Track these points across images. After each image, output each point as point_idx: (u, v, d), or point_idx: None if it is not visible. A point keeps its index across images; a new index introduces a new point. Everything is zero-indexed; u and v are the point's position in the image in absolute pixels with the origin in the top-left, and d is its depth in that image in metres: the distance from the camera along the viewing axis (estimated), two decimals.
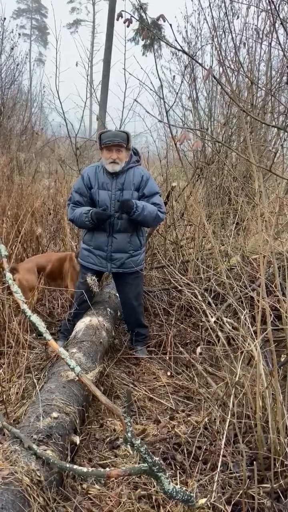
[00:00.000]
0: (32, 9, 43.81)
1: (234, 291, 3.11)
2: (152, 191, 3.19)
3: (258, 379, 2.08)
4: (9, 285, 2.34)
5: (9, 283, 2.35)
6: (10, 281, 2.35)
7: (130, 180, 3.16)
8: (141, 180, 3.18)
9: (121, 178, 3.16)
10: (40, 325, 2.10)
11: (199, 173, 6.09)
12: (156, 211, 3.15)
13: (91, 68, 17.49)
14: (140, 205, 3.05)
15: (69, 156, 8.31)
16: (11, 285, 2.32)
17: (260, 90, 5.67)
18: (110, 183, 3.16)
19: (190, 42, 7.19)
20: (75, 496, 1.89)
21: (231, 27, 4.61)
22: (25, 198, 4.99)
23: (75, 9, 39.40)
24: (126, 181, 3.16)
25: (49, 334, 2.11)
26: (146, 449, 1.60)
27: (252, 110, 3.34)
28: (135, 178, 3.17)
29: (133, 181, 3.17)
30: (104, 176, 3.18)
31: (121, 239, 3.18)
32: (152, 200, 3.18)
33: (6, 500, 1.54)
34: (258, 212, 2.25)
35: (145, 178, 3.19)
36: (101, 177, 3.19)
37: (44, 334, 2.09)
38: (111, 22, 18.89)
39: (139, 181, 3.18)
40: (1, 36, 8.65)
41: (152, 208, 3.13)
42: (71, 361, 1.95)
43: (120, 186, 3.15)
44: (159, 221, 3.34)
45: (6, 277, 2.41)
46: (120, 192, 3.14)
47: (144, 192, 3.17)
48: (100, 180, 3.18)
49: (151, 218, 3.13)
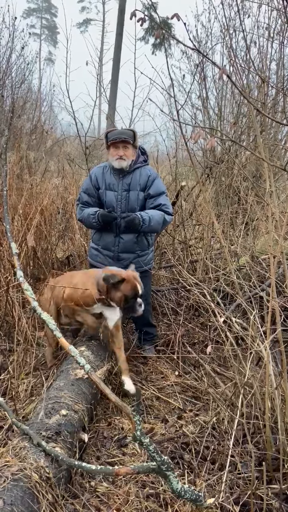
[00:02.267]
0: (42, 9, 43.99)
1: (243, 291, 3.09)
2: (158, 191, 3.18)
3: (267, 380, 2.07)
4: (20, 282, 2.36)
5: (20, 280, 2.36)
6: (21, 278, 2.37)
7: (137, 181, 3.16)
8: (148, 180, 3.18)
9: (127, 178, 3.16)
10: (50, 323, 2.11)
11: (208, 172, 6.06)
12: (163, 217, 3.13)
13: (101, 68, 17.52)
14: (146, 217, 3.04)
15: (78, 155, 8.34)
16: (22, 283, 2.34)
17: (271, 89, 5.63)
18: (116, 183, 3.16)
19: (201, 41, 7.16)
20: (83, 493, 1.91)
21: (242, 26, 4.58)
22: (35, 197, 5.02)
23: (85, 8, 39.46)
24: (133, 181, 3.16)
25: (59, 331, 2.12)
26: (155, 448, 1.60)
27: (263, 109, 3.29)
28: (141, 178, 3.17)
29: (139, 181, 3.17)
30: (111, 177, 3.19)
31: (128, 239, 3.18)
32: (158, 200, 3.17)
33: (15, 496, 1.56)
34: (270, 211, 2.24)
35: (151, 178, 3.19)
36: (108, 177, 3.20)
37: (54, 331, 2.10)
38: (121, 21, 18.88)
39: (145, 181, 3.17)
40: (12, 35, 8.68)
41: (159, 215, 3.11)
42: (81, 359, 1.95)
43: (127, 187, 3.15)
44: (166, 225, 3.33)
45: (17, 275, 2.42)
46: (127, 193, 3.14)
47: (149, 192, 3.17)
48: (107, 180, 3.19)
49: (158, 226, 3.13)
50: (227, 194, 5.22)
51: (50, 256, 4.87)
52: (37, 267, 4.58)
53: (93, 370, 2.00)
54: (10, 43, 8.61)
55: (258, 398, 2.20)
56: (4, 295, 3.10)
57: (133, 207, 3.15)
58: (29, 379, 2.67)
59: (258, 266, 3.67)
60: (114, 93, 18.25)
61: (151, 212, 3.09)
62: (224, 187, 5.44)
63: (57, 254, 5.04)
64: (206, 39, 7.11)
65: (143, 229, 3.05)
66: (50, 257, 4.87)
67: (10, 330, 3.17)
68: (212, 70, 7.00)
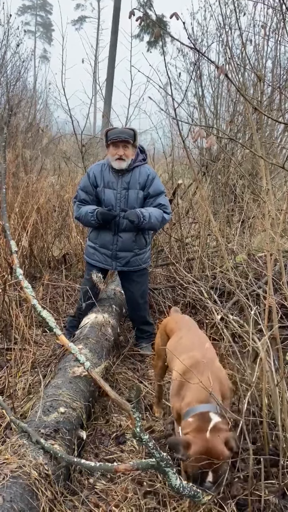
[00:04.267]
0: (37, 6, 43.77)
1: (240, 288, 3.10)
2: (157, 191, 3.19)
3: (264, 377, 2.08)
4: (20, 280, 2.35)
5: (19, 278, 2.36)
6: (20, 276, 2.37)
7: (136, 179, 3.16)
8: (147, 179, 3.18)
9: (126, 177, 3.16)
10: (50, 320, 2.12)
11: (204, 170, 6.07)
12: (162, 215, 3.15)
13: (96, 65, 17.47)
14: (146, 214, 3.05)
15: (74, 153, 8.32)
16: (22, 281, 2.34)
17: (266, 88, 5.65)
18: (115, 182, 3.16)
19: (196, 39, 7.17)
20: (82, 490, 1.91)
21: (239, 23, 4.59)
22: (31, 195, 5.01)
23: (80, 5, 39.23)
24: (132, 180, 3.16)
25: (59, 329, 2.13)
26: (154, 444, 1.61)
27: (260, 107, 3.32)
28: (141, 177, 3.17)
29: (138, 180, 3.17)
30: (110, 175, 3.18)
31: (126, 238, 3.18)
32: (158, 200, 3.18)
33: (14, 493, 1.56)
34: (266, 209, 2.25)
35: (151, 177, 3.19)
36: (106, 175, 3.19)
37: (54, 329, 2.11)
38: (116, 19, 18.85)
39: (144, 180, 3.17)
40: (7, 32, 8.64)
41: (158, 213, 3.12)
42: (81, 356, 1.96)
43: (126, 185, 3.15)
44: (165, 223, 3.34)
45: (16, 273, 2.42)
46: (126, 191, 3.14)
47: (149, 192, 3.17)
48: (105, 178, 3.18)
49: (157, 223, 3.14)
50: (223, 192, 5.24)
51: (46, 254, 4.87)
52: (33, 265, 4.57)
53: (93, 367, 2.01)
54: (5, 40, 8.57)
55: (255, 394, 2.21)
56: (1, 293, 3.09)
57: (132, 206, 3.15)
58: (27, 377, 2.67)
59: (254, 264, 3.69)
60: (110, 91, 18.22)
61: (150, 209, 3.10)
62: (220, 185, 5.46)
63: (54, 253, 5.03)
64: (202, 37, 7.12)
65: (143, 225, 3.06)
66: (46, 255, 4.87)
67: (7, 328, 3.17)
68: (208, 68, 7.01)
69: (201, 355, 1.99)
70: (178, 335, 2.25)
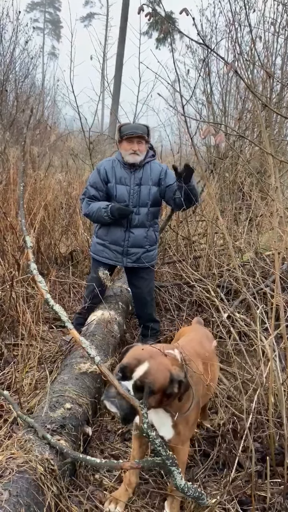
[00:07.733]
0: (46, 3, 43.78)
1: (247, 287, 3.09)
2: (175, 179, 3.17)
3: (271, 375, 2.07)
4: (34, 275, 2.37)
5: (33, 273, 2.38)
6: (34, 271, 2.38)
7: (148, 175, 3.16)
8: (160, 173, 3.18)
9: (138, 173, 3.16)
10: (62, 315, 2.14)
11: (212, 168, 6.04)
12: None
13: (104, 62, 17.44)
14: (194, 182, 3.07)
15: (81, 150, 8.33)
16: (35, 275, 2.35)
17: (276, 85, 5.60)
18: (128, 177, 3.15)
19: (206, 36, 7.12)
20: (87, 486, 1.92)
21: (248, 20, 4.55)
22: (38, 192, 5.02)
23: (89, 2, 39.23)
24: (144, 176, 3.15)
25: (71, 323, 2.15)
26: (160, 442, 1.61)
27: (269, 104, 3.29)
28: (152, 172, 3.17)
29: (150, 175, 3.16)
30: (122, 171, 3.17)
31: (138, 234, 3.18)
32: None
33: (20, 488, 1.57)
34: (274, 207, 2.23)
35: (163, 170, 3.20)
36: (118, 171, 3.18)
37: (66, 323, 2.13)
38: (125, 16, 18.80)
39: (157, 175, 3.17)
40: (16, 29, 8.64)
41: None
42: (92, 350, 1.97)
43: (138, 181, 3.14)
44: (197, 202, 3.27)
45: (30, 267, 2.44)
46: (138, 187, 3.14)
47: (167, 181, 3.17)
48: (117, 174, 3.17)
49: (196, 193, 3.14)
50: (231, 190, 5.21)
51: (53, 251, 4.88)
52: (40, 262, 4.59)
53: (103, 362, 2.02)
54: (14, 37, 8.57)
55: (261, 393, 2.20)
56: (9, 289, 3.11)
57: (145, 201, 3.14)
58: (33, 372, 2.69)
59: (262, 262, 3.67)
60: (118, 87, 18.19)
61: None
62: (228, 183, 5.43)
63: (61, 249, 5.05)
64: (211, 34, 7.07)
65: (192, 186, 3.04)
66: (53, 252, 4.88)
67: (14, 324, 3.19)
68: (217, 65, 6.96)
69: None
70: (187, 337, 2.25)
